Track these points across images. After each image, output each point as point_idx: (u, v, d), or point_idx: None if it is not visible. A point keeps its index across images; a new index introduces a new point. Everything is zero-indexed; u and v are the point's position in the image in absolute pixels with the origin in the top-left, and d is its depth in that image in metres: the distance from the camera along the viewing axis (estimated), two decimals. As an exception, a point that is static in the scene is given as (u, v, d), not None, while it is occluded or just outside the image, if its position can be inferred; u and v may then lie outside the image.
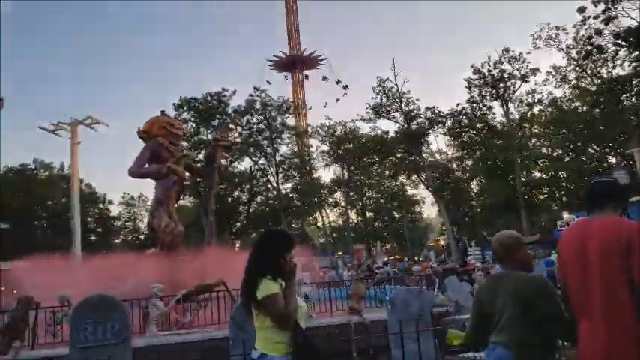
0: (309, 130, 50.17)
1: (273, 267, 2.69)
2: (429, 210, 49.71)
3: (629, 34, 35.22)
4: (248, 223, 45.51)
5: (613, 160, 36.36)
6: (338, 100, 55.77)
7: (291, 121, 51.18)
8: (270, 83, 59.57)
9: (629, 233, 2.14)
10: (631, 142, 28.70)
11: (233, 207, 44.21)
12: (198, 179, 26.94)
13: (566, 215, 28.16)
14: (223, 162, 43.76)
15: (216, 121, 41.22)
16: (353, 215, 49.98)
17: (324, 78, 61.32)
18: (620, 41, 36.38)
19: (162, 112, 34.93)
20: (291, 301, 2.64)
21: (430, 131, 43.16)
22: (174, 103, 41.38)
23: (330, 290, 9.97)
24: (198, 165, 19.86)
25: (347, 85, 55.97)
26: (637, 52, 35.67)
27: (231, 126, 32.92)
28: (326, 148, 47.66)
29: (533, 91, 39.98)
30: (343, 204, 48.38)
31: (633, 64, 36.52)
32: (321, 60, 64.31)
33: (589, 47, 38.23)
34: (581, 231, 2.34)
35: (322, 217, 50.37)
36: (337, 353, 7.45)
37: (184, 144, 21.13)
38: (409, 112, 43.58)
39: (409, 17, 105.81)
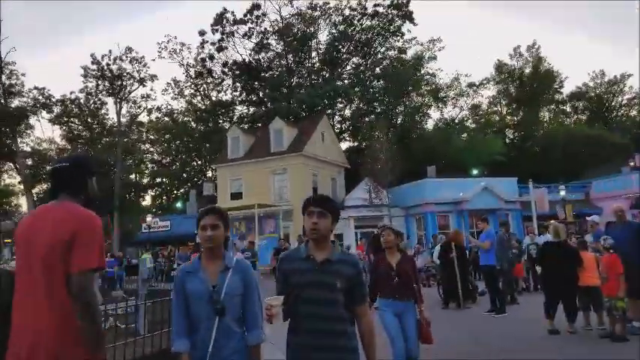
0: None
1: None
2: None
3: (234, 67, 41.01)
4: None
5: (210, 174, 40.95)
6: None
7: None
8: None
9: (76, 224, 2.10)
10: (218, 159, 32.92)
11: None
12: None
13: (149, 218, 29.53)
14: None
15: None
16: None
17: None
18: (226, 70, 41.89)
19: None
20: None
21: (33, 114, 38.24)
22: None
23: None
24: None
25: None
26: (237, 84, 41.84)
27: None
28: None
29: (148, 96, 40.95)
30: None
31: (234, 94, 42.61)
32: None
33: (202, 69, 42.44)
34: (40, 217, 2.22)
35: None
36: None
37: None
38: (10, 87, 37.71)
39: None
